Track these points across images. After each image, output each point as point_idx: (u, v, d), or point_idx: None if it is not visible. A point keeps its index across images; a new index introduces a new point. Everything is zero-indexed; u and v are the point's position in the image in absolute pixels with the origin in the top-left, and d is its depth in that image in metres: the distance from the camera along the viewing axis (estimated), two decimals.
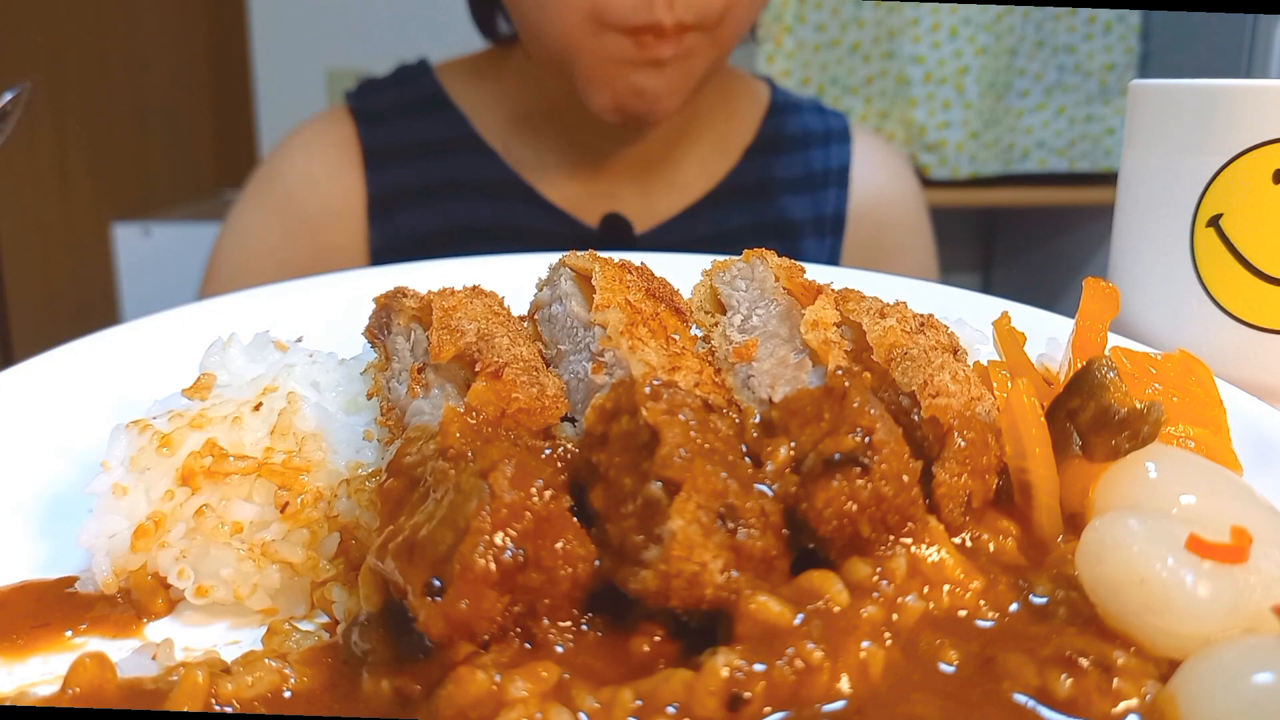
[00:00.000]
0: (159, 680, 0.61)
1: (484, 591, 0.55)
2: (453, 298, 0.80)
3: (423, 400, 0.72)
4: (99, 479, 0.74)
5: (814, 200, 1.89)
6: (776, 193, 1.87)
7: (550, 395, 0.70)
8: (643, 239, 1.75)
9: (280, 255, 1.74)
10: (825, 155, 1.91)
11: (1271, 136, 0.96)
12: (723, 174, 1.84)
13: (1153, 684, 0.56)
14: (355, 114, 1.80)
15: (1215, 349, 0.99)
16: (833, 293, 0.80)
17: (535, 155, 1.78)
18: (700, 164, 1.84)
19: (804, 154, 1.90)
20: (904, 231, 1.97)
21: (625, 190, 1.79)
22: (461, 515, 0.56)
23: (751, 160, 1.85)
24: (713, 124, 1.85)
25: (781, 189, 1.87)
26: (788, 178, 1.88)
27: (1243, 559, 0.58)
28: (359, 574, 0.62)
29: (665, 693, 0.54)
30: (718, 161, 1.85)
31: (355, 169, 1.77)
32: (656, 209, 1.80)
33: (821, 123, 1.94)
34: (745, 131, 1.88)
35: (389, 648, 0.58)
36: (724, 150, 1.86)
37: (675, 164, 1.82)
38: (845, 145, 1.92)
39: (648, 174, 1.80)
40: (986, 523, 0.68)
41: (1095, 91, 3.96)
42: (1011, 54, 3.90)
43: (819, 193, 1.89)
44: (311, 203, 1.77)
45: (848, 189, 1.91)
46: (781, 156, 1.88)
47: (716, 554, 0.57)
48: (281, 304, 1.11)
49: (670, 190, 1.82)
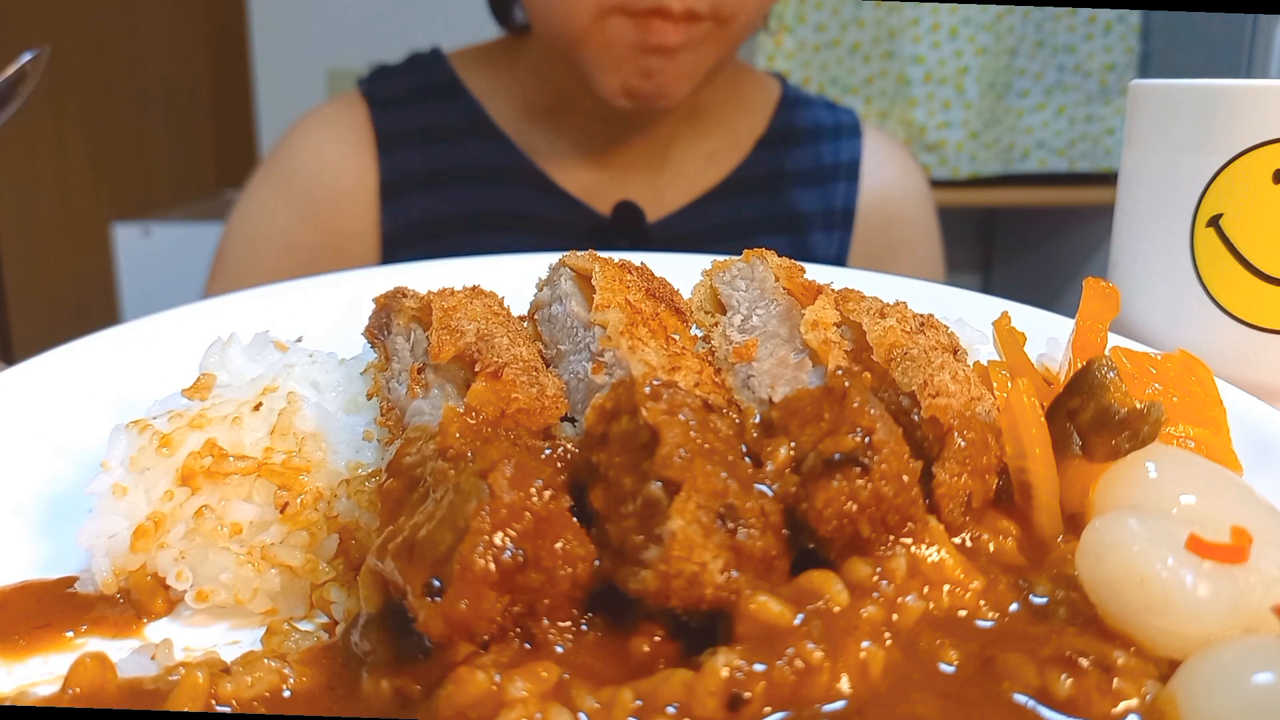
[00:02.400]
0: (159, 680, 0.61)
1: (483, 592, 0.55)
2: (452, 298, 0.80)
3: (422, 400, 0.72)
4: (99, 479, 0.74)
5: (823, 193, 1.90)
6: (786, 185, 1.87)
7: (550, 395, 0.70)
8: (654, 227, 1.76)
9: (291, 238, 1.75)
10: (835, 149, 1.92)
11: (1271, 136, 0.96)
12: (733, 165, 1.84)
13: (1153, 684, 0.56)
14: (368, 99, 1.81)
15: (1215, 349, 0.99)
16: (833, 293, 0.80)
17: (548, 143, 1.78)
18: (711, 155, 1.84)
19: (814, 147, 1.91)
20: (912, 227, 1.98)
21: (637, 179, 1.80)
22: (461, 515, 0.56)
23: (762, 152, 1.86)
24: (723, 116, 1.85)
25: (791, 181, 1.88)
26: (798, 170, 1.88)
27: (1243, 559, 0.58)
28: (359, 575, 0.62)
29: (665, 693, 0.54)
30: (728, 153, 1.86)
31: (368, 152, 1.77)
32: (667, 198, 1.81)
33: (832, 117, 1.95)
34: (756, 124, 1.88)
35: (389, 648, 0.58)
36: (734, 142, 1.86)
37: (686, 155, 1.83)
38: (856, 140, 1.93)
39: (659, 164, 1.81)
40: (986, 523, 0.68)
41: (1095, 91, 3.96)
42: (1011, 54, 3.90)
43: (828, 186, 1.90)
44: (323, 186, 1.77)
45: (858, 183, 1.92)
46: (792, 149, 1.89)
47: (716, 554, 0.57)
48: (282, 304, 1.11)
49: (681, 180, 1.82)
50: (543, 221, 1.73)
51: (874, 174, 1.92)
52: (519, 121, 1.79)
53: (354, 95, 1.83)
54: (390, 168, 1.76)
